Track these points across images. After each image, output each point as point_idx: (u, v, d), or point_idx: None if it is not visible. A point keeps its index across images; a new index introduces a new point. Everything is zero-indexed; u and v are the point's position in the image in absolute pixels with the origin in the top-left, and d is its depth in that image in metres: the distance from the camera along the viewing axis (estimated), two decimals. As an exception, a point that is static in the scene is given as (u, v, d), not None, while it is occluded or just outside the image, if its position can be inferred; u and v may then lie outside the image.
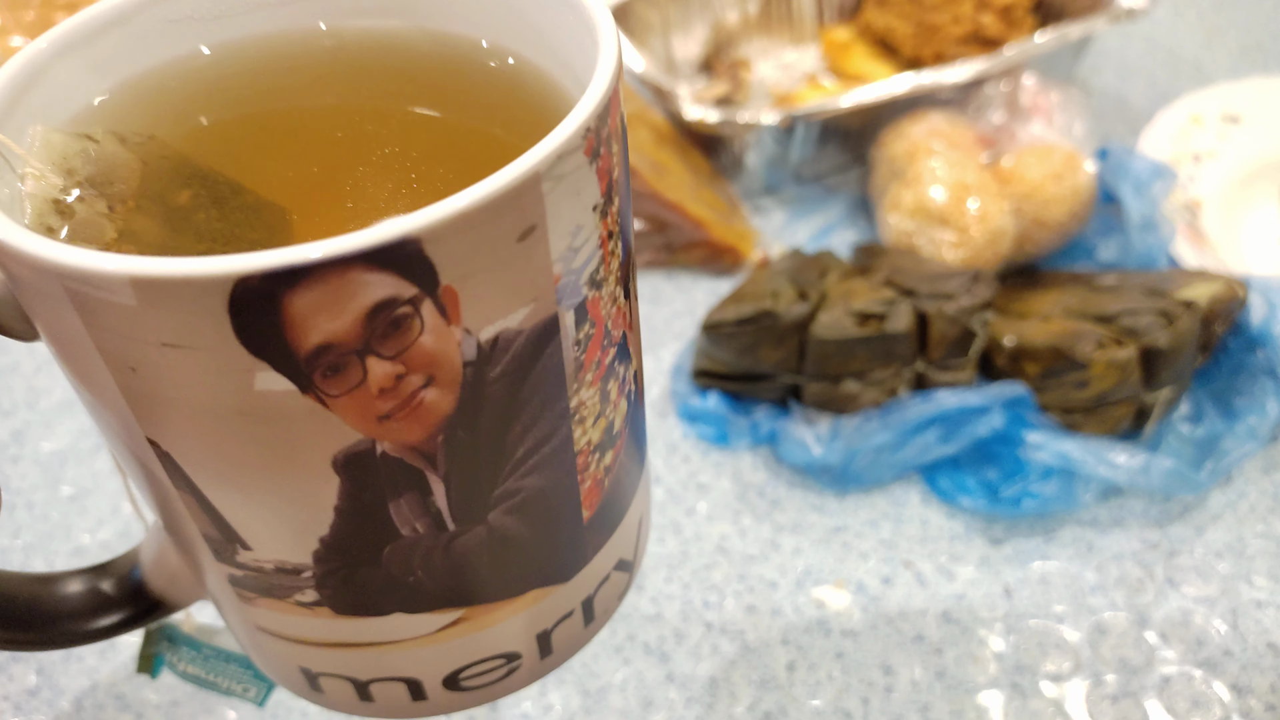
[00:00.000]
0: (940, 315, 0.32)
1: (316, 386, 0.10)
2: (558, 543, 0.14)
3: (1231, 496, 0.32)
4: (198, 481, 0.12)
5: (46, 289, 0.10)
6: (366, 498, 0.12)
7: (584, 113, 0.11)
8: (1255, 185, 0.43)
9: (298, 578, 0.13)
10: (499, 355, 0.11)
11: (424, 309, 0.10)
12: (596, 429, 0.13)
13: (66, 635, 0.15)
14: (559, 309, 0.11)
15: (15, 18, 0.49)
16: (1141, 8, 0.45)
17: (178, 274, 0.09)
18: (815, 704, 0.27)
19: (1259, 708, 0.26)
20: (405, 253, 0.10)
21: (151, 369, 0.10)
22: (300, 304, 0.10)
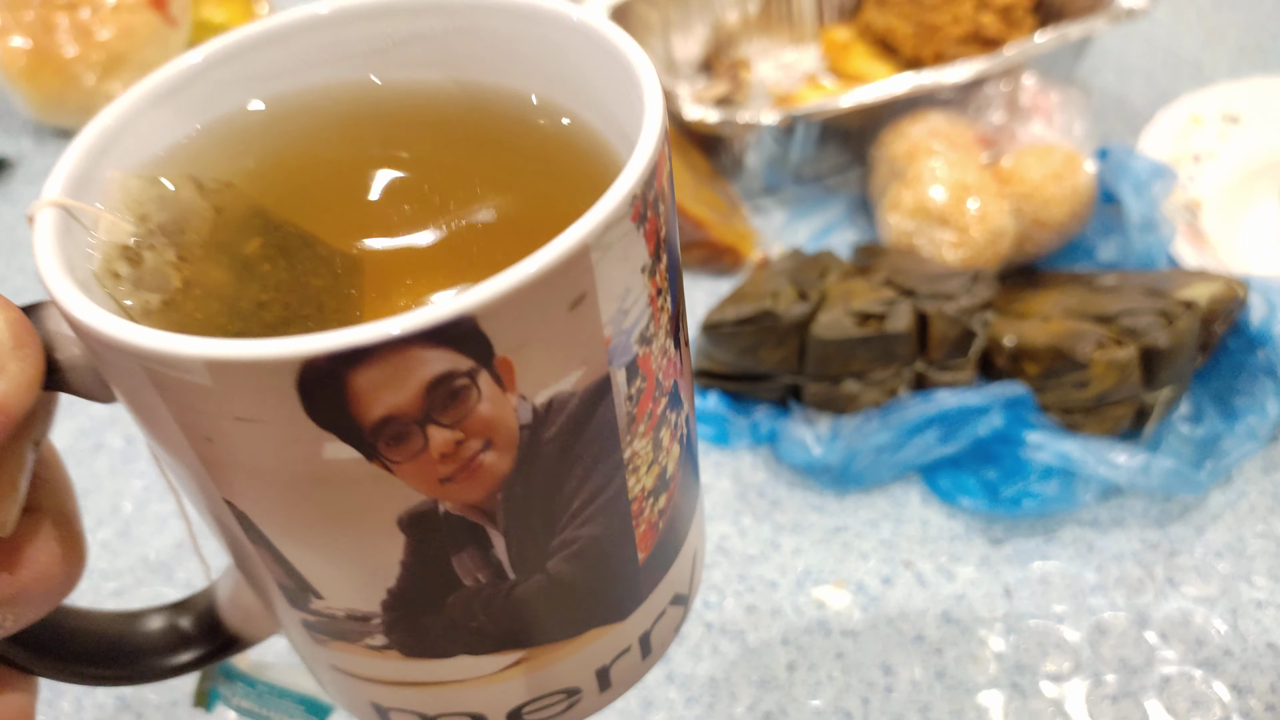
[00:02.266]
0: (940, 315, 0.32)
1: (381, 454, 0.11)
2: (614, 585, 0.15)
3: (1231, 496, 0.32)
4: (272, 538, 0.12)
5: (125, 366, 0.11)
6: (430, 552, 0.12)
7: (630, 180, 0.11)
8: (1255, 185, 0.43)
9: (367, 624, 0.14)
10: (553, 417, 0.12)
11: (480, 379, 0.11)
12: (650, 476, 0.14)
13: (149, 671, 0.16)
14: (610, 369, 0.12)
15: (15, 18, 0.49)
16: (1141, 8, 0.45)
17: (250, 357, 0.10)
18: (815, 704, 0.27)
19: (1259, 707, 0.26)
20: (461, 330, 0.10)
21: (226, 439, 0.11)
22: (363, 380, 0.10)
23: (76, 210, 0.12)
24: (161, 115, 0.14)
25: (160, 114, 0.14)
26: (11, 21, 0.48)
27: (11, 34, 0.48)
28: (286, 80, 0.15)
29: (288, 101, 0.15)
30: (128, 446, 0.35)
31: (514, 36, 0.14)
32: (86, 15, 0.49)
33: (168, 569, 0.31)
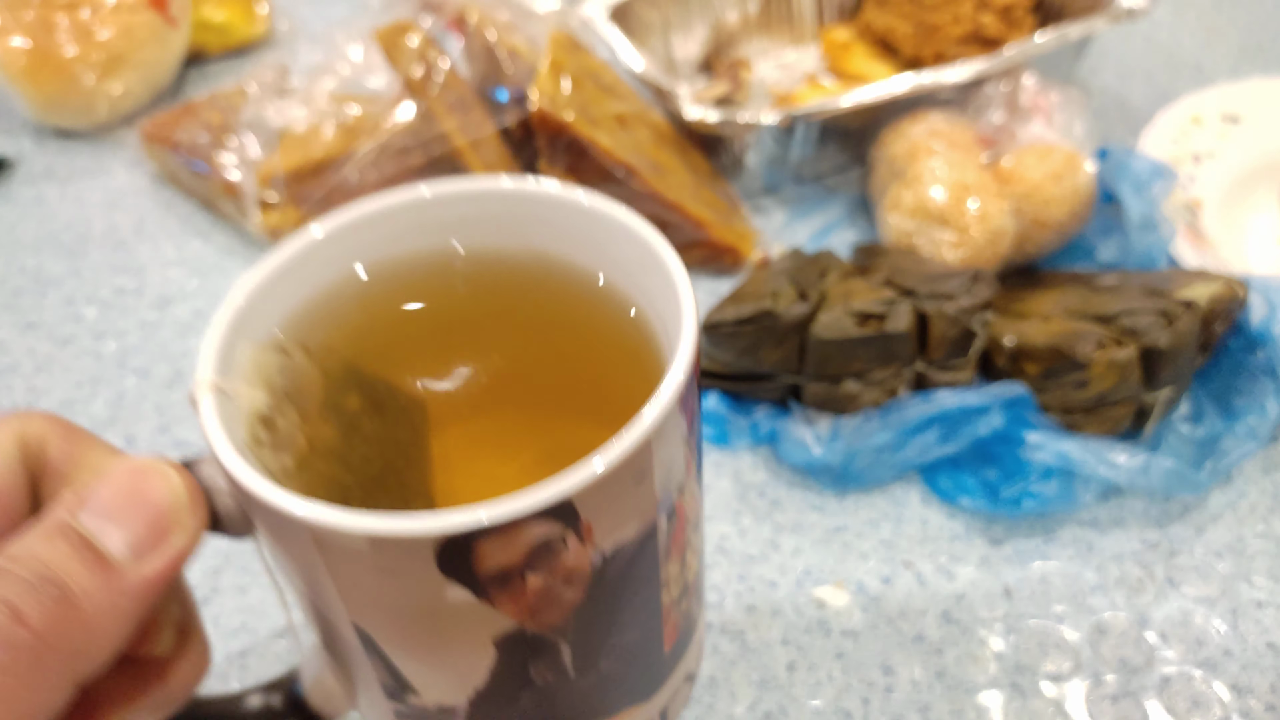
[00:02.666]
0: (940, 315, 0.32)
1: (489, 595, 0.14)
2: (645, 673, 0.18)
3: (1231, 496, 0.32)
4: (386, 651, 0.15)
5: (294, 532, 0.13)
6: (513, 661, 0.15)
7: (678, 378, 0.14)
8: (1255, 185, 0.43)
9: (452, 714, 0.16)
10: (615, 559, 0.15)
11: (569, 539, 0.14)
12: (677, 587, 0.17)
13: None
14: (657, 517, 0.15)
15: (15, 17, 0.49)
16: (1141, 8, 0.45)
17: (404, 533, 0.13)
18: (815, 704, 0.27)
19: (1259, 708, 0.26)
20: (562, 508, 0.13)
21: (368, 584, 0.14)
22: (485, 546, 0.13)
23: (226, 389, 0.15)
24: (282, 287, 0.17)
25: (281, 286, 0.17)
26: (11, 21, 0.48)
27: (11, 34, 0.48)
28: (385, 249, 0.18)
29: (384, 267, 0.18)
30: (127, 446, 0.35)
31: (583, 227, 0.17)
32: (86, 15, 0.49)
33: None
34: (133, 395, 0.37)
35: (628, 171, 0.39)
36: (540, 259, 0.18)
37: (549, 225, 0.18)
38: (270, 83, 0.45)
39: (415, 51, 0.42)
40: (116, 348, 0.39)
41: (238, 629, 0.29)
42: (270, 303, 0.17)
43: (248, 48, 0.57)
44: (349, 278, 0.18)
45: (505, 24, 0.43)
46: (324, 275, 0.17)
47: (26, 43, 0.48)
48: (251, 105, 0.44)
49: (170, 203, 0.47)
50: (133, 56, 0.50)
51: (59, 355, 0.39)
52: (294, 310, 0.17)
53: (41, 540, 0.13)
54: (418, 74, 0.41)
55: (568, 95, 0.39)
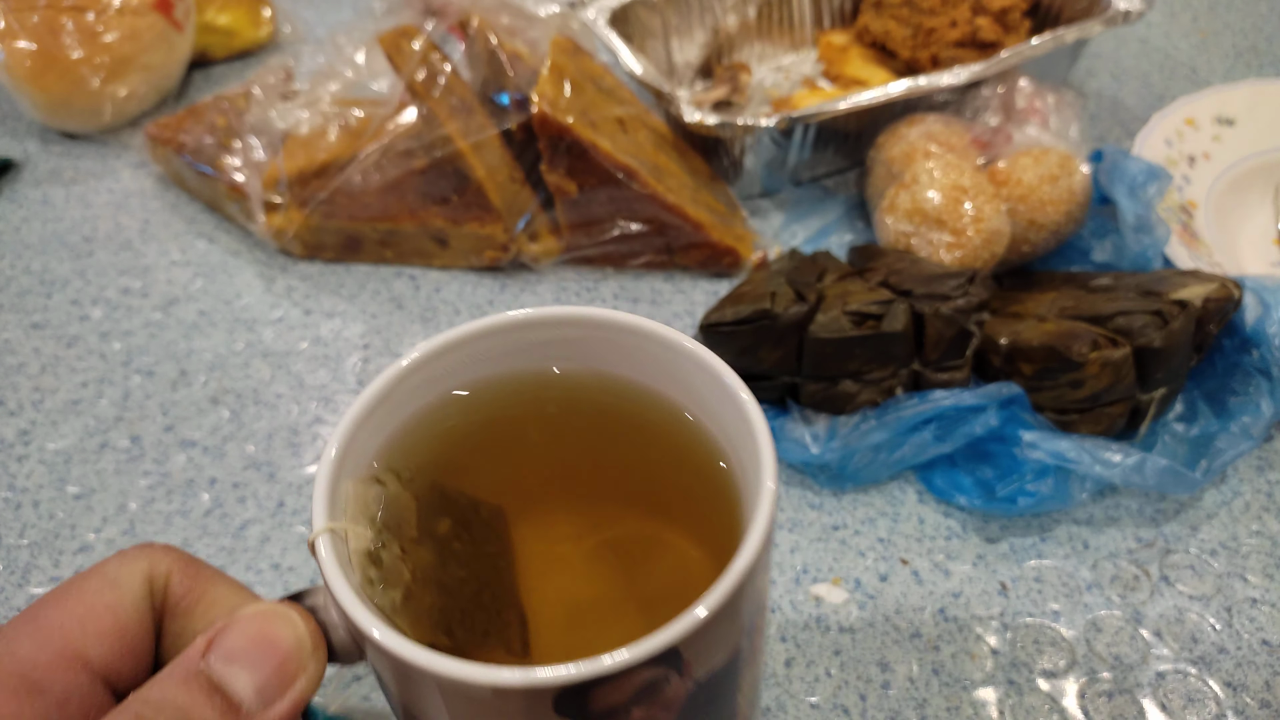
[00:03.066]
0: (936, 316, 0.32)
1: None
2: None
3: (1226, 495, 0.32)
4: None
5: (422, 680, 0.14)
6: None
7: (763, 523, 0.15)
8: (1249, 187, 0.43)
9: None
10: (707, 684, 0.16)
11: (671, 677, 0.15)
12: (750, 690, 0.18)
13: None
14: (741, 642, 0.16)
15: (20, 20, 0.49)
16: (1137, 11, 0.45)
17: (526, 684, 0.14)
18: (813, 700, 0.27)
19: (1253, 704, 0.27)
20: (670, 656, 0.14)
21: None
22: (599, 691, 0.14)
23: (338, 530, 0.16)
24: (376, 417, 0.18)
25: (374, 418, 0.18)
26: (16, 24, 0.49)
27: (17, 36, 0.49)
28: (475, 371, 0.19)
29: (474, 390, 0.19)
30: (132, 445, 0.36)
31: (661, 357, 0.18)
32: (92, 18, 0.49)
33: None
34: (138, 395, 0.37)
35: (628, 174, 0.39)
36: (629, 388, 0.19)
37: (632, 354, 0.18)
38: (274, 86, 0.46)
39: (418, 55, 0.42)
40: (122, 348, 0.40)
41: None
42: (369, 433, 0.18)
43: (252, 51, 0.58)
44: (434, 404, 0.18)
45: (507, 28, 0.44)
46: (412, 403, 0.18)
47: (32, 45, 0.49)
48: (256, 108, 0.44)
49: (175, 204, 0.47)
50: (138, 59, 0.51)
51: (65, 355, 0.39)
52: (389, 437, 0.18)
53: (177, 686, 0.14)
54: (420, 77, 0.41)
55: (569, 99, 0.40)
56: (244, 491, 0.34)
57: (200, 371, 0.38)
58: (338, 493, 0.17)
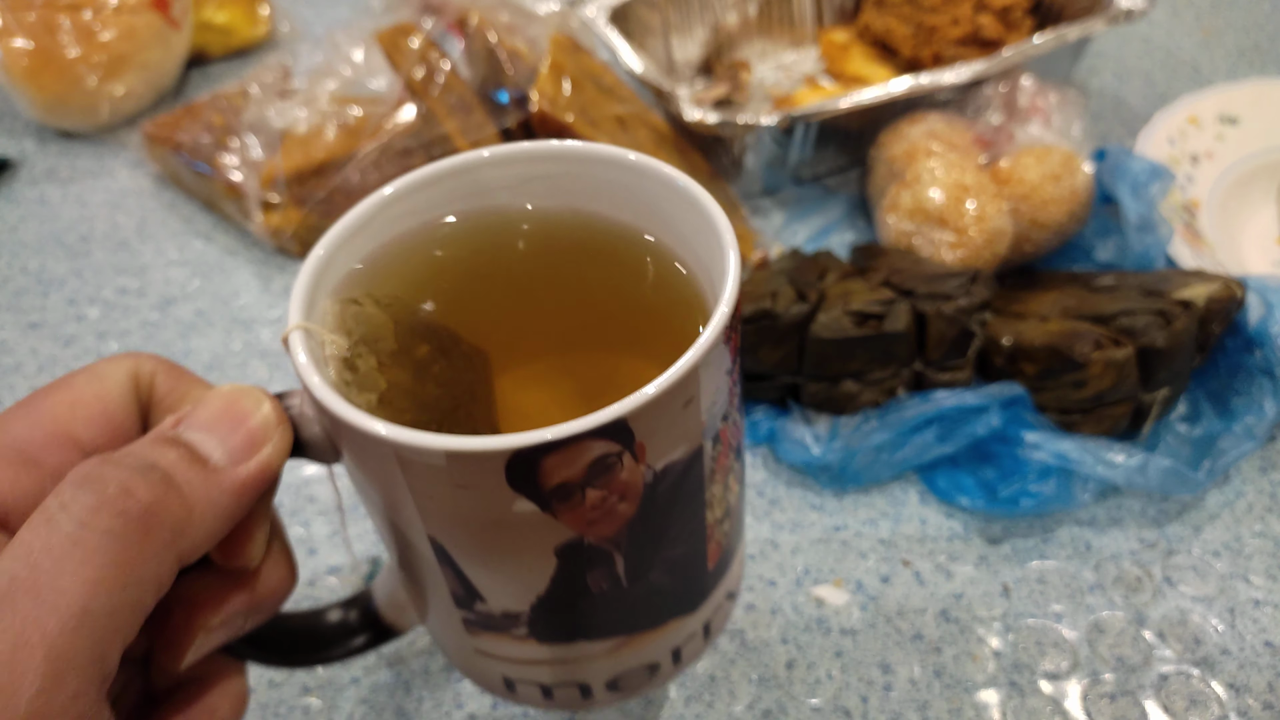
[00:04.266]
0: (938, 315, 0.32)
1: (552, 507, 0.15)
2: (690, 587, 0.19)
3: (1229, 496, 0.32)
4: (458, 561, 0.17)
5: (378, 452, 0.15)
6: (573, 570, 0.17)
7: (724, 314, 0.16)
8: (1252, 186, 0.43)
9: (516, 620, 0.18)
10: (666, 477, 0.16)
11: (624, 457, 0.15)
12: (720, 508, 0.19)
13: (329, 655, 0.20)
14: (703, 441, 0.17)
15: (17, 19, 0.49)
16: (1139, 9, 0.45)
17: (476, 450, 0.14)
18: (814, 702, 0.27)
19: (1256, 706, 0.27)
20: (618, 427, 0.15)
21: (444, 499, 0.15)
22: (549, 461, 0.15)
23: (314, 332, 0.16)
24: (355, 242, 0.18)
25: (354, 241, 0.18)
26: (13, 22, 0.49)
27: (14, 35, 0.48)
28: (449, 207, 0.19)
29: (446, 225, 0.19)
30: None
31: (631, 185, 0.19)
32: (89, 16, 0.49)
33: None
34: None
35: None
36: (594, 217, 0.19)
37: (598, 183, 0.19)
38: (272, 84, 0.45)
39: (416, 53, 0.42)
40: (119, 348, 0.39)
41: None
42: (345, 258, 0.18)
43: (249, 49, 0.57)
44: (413, 234, 0.19)
45: (506, 26, 0.43)
46: (391, 232, 0.19)
47: (29, 44, 0.48)
48: (253, 106, 0.44)
49: (172, 203, 0.47)
50: (135, 58, 0.50)
51: (62, 355, 0.39)
52: (366, 265, 0.18)
53: (147, 445, 0.15)
54: (419, 76, 0.41)
55: (568, 97, 0.40)
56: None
57: (198, 371, 0.38)
58: (314, 306, 0.17)
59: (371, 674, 0.28)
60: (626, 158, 0.18)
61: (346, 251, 0.18)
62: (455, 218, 0.19)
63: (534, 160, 0.19)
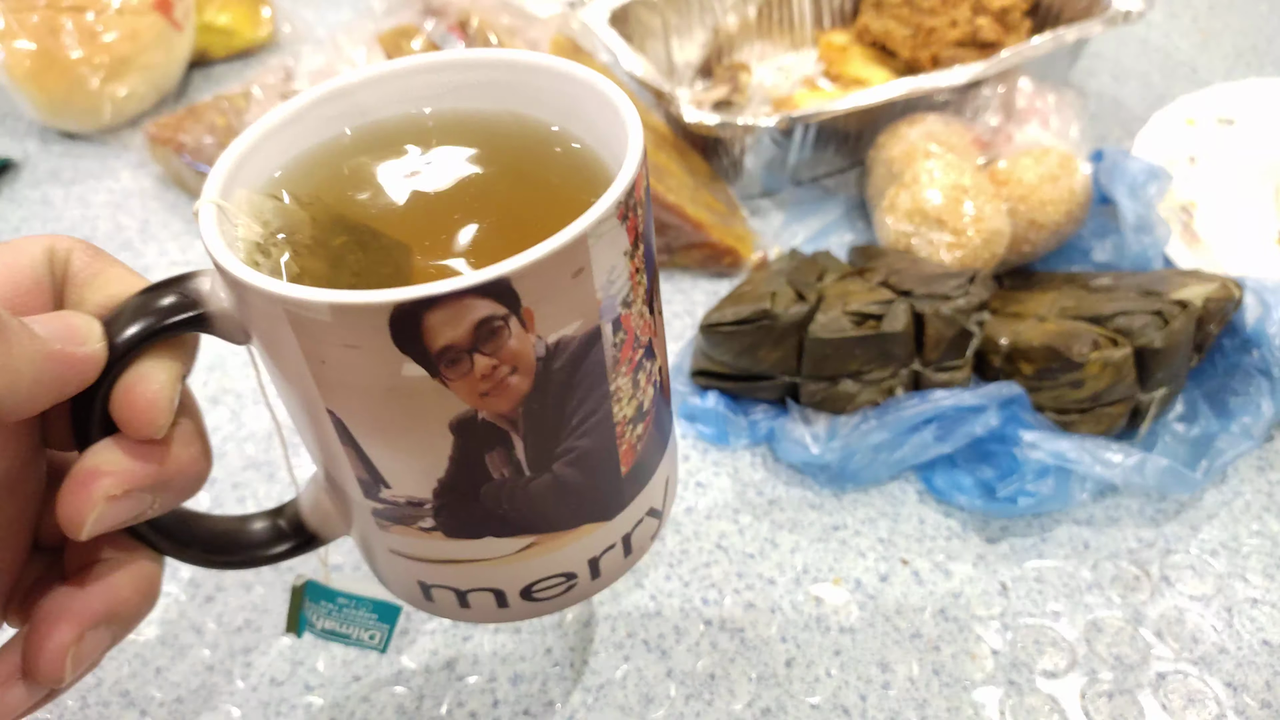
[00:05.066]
0: (937, 316, 0.32)
1: (441, 373, 0.15)
2: (602, 489, 0.19)
3: (1226, 495, 0.32)
4: (358, 438, 0.17)
5: (270, 310, 0.15)
6: (470, 450, 0.17)
7: (617, 191, 0.16)
8: (1249, 187, 0.43)
9: (421, 509, 0.18)
10: (560, 353, 0.16)
11: (511, 322, 0.15)
12: (630, 406, 0.18)
13: (251, 559, 0.21)
14: (601, 322, 0.16)
15: (20, 20, 0.49)
16: (1137, 11, 0.45)
17: (360, 301, 0.14)
18: (813, 700, 0.27)
19: (1254, 704, 0.27)
20: (500, 287, 0.15)
21: (335, 362, 0.15)
22: (433, 319, 0.15)
23: (228, 210, 0.17)
24: (273, 145, 0.19)
25: (272, 145, 0.19)
26: (16, 24, 0.49)
27: (16, 36, 0.49)
28: (367, 116, 0.20)
29: (366, 131, 0.20)
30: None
31: (539, 85, 0.19)
32: (91, 18, 0.49)
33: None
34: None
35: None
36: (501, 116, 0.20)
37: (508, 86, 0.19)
38: (274, 85, 0.46)
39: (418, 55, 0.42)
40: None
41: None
42: (264, 158, 0.18)
43: (252, 51, 0.58)
44: (337, 139, 0.19)
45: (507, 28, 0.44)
46: (315, 137, 0.19)
47: (32, 45, 0.49)
48: (256, 108, 0.44)
49: (175, 204, 0.47)
50: (138, 59, 0.50)
51: (64, 355, 0.39)
52: (285, 166, 0.19)
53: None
54: (420, 77, 0.41)
55: (568, 98, 0.40)
56: (244, 491, 0.34)
57: (200, 371, 0.38)
58: (230, 192, 0.17)
59: (373, 672, 0.28)
60: (529, 59, 0.19)
61: (270, 149, 0.18)
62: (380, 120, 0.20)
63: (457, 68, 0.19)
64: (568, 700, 0.27)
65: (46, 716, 0.28)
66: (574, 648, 0.29)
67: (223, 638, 0.29)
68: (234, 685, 0.28)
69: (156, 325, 0.16)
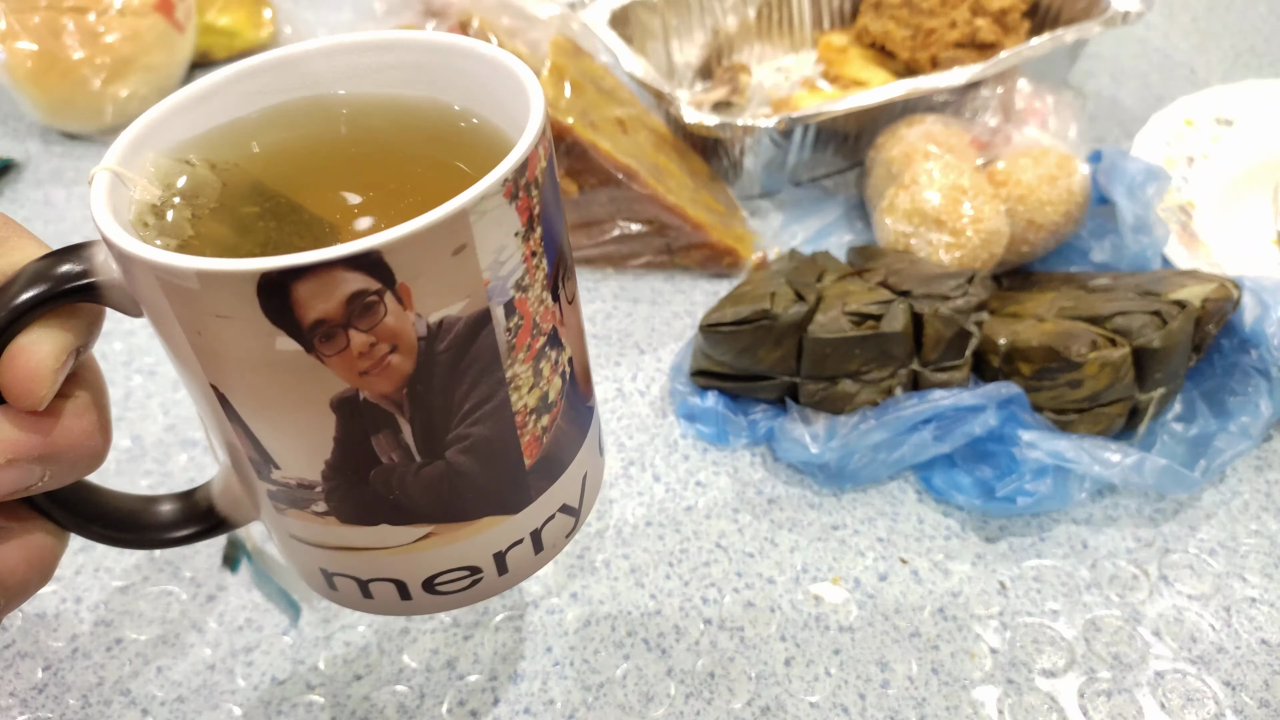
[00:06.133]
0: (935, 316, 0.32)
1: (316, 349, 0.15)
2: (502, 481, 0.18)
3: (1224, 495, 0.32)
4: (243, 415, 0.16)
5: (145, 278, 0.15)
6: (355, 431, 0.16)
7: (504, 169, 0.15)
8: (1248, 187, 0.43)
9: (311, 492, 0.17)
10: (444, 333, 0.16)
11: (386, 298, 0.15)
12: (532, 396, 0.18)
13: (157, 540, 0.20)
14: (490, 304, 0.16)
15: (21, 20, 0.49)
16: (1136, 12, 0.45)
17: (224, 269, 0.14)
18: (812, 699, 0.27)
19: (1252, 704, 0.27)
20: (370, 260, 0.14)
21: (211, 333, 0.15)
22: (302, 291, 0.14)
23: (123, 176, 0.16)
24: (189, 116, 0.18)
25: (188, 115, 0.18)
26: (18, 24, 0.49)
27: (18, 37, 0.49)
28: (282, 95, 0.20)
29: (281, 109, 0.20)
30: (133, 445, 0.36)
31: (442, 65, 0.19)
32: (93, 19, 0.50)
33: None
34: (139, 395, 0.37)
35: (628, 175, 0.39)
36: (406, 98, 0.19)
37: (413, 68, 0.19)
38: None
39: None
40: (123, 348, 0.40)
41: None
42: (180, 127, 0.18)
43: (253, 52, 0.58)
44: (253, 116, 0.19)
45: (507, 29, 0.44)
46: (231, 113, 0.19)
47: (33, 46, 0.49)
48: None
49: (175, 205, 0.47)
50: (139, 60, 0.51)
51: (65, 356, 0.39)
52: (202, 136, 0.19)
53: None
54: (420, 78, 0.41)
55: (569, 99, 0.40)
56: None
57: (201, 371, 0.38)
58: (136, 157, 0.17)
59: (374, 670, 0.28)
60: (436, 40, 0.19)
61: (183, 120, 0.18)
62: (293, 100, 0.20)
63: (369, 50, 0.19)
64: (568, 699, 0.27)
65: (48, 716, 0.28)
66: (574, 646, 0.29)
67: (224, 636, 0.29)
68: (235, 684, 0.28)
69: (44, 294, 0.15)
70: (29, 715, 0.28)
